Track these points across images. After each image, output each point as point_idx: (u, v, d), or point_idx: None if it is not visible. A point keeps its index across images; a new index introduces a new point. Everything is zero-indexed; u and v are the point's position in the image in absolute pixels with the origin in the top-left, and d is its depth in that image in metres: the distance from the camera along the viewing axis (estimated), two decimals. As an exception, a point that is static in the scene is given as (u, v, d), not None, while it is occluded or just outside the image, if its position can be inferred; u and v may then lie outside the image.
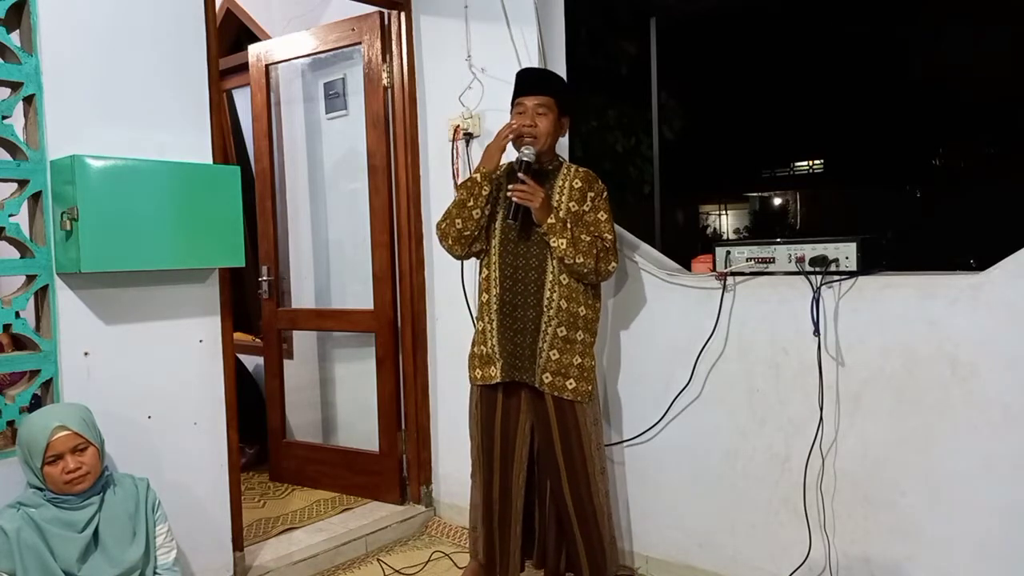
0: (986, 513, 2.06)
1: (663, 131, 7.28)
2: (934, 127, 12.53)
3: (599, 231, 2.34)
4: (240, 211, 2.37)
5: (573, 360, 2.33)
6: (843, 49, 11.56)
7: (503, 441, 2.41)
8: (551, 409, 2.34)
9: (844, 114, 13.31)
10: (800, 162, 19.47)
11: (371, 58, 3.19)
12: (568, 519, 2.38)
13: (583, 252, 2.26)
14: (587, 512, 2.37)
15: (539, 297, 2.32)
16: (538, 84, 2.37)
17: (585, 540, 2.37)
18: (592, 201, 2.37)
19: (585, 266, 2.27)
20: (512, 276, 2.35)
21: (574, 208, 2.35)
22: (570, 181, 2.38)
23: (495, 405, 2.42)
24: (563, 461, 2.35)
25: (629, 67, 7.02)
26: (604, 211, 2.38)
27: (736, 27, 9.61)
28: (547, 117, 2.34)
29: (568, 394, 2.32)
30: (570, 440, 2.34)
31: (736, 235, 19.37)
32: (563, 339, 2.32)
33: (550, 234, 2.27)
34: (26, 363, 2.06)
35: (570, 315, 2.32)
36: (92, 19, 2.16)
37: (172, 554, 2.07)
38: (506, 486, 2.42)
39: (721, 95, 11.43)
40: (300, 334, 3.80)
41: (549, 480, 2.41)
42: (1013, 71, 9.59)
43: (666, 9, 7.10)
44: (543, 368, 2.32)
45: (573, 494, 2.36)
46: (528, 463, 2.43)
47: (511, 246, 2.36)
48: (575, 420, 2.34)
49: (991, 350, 2.04)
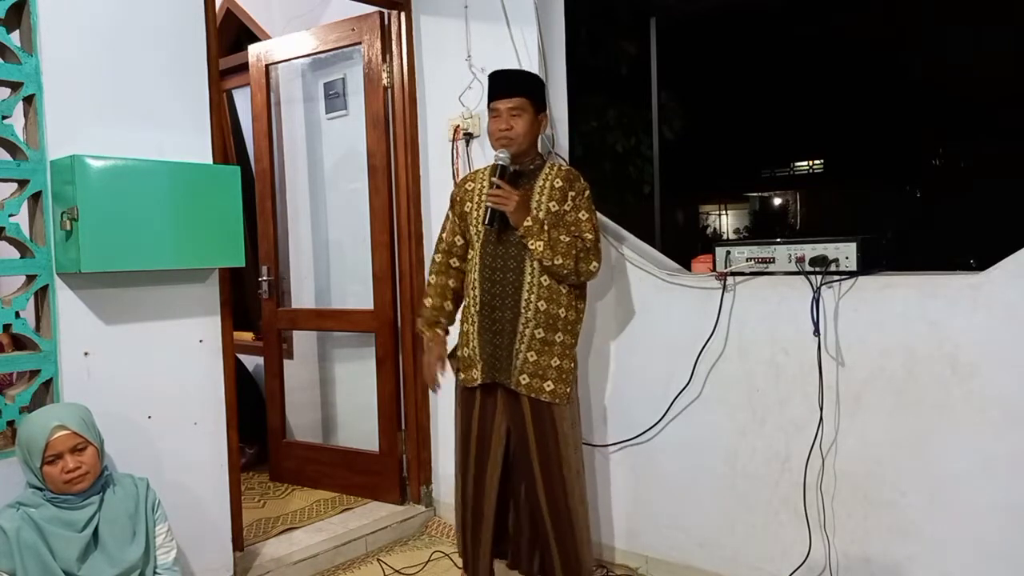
0: (986, 513, 2.06)
1: (663, 131, 7.28)
2: (934, 127, 12.52)
3: (579, 231, 2.31)
4: (240, 211, 2.37)
5: (551, 362, 2.31)
6: (843, 49, 11.55)
7: (479, 442, 2.40)
8: (527, 411, 2.32)
9: (844, 114, 13.29)
10: (800, 162, 19.46)
11: (371, 58, 3.19)
12: (542, 522, 2.35)
13: (561, 253, 2.24)
14: (562, 515, 2.33)
15: (517, 299, 2.31)
16: (510, 86, 2.35)
17: (559, 543, 2.34)
18: (573, 200, 2.33)
19: (564, 267, 2.25)
20: (491, 278, 2.35)
21: (554, 208, 2.32)
22: (551, 180, 2.35)
23: (472, 406, 2.41)
24: (539, 463, 2.32)
25: (629, 67, 7.01)
26: (586, 210, 2.34)
27: (736, 27, 9.60)
28: (522, 118, 2.33)
29: (546, 396, 2.29)
30: (547, 442, 2.31)
31: (736, 235, 19.36)
32: (541, 341, 2.30)
33: (527, 236, 2.25)
34: (26, 363, 2.06)
35: (549, 317, 2.30)
36: (92, 19, 2.16)
37: (172, 554, 2.06)
38: (479, 486, 2.41)
39: (721, 95, 11.42)
40: (300, 334, 3.80)
41: (524, 482, 2.39)
42: (1013, 71, 9.59)
43: (666, 9, 7.09)
44: (520, 370, 2.30)
45: (548, 497, 2.33)
46: (503, 465, 2.41)
47: (491, 248, 2.36)
48: (552, 422, 2.31)
49: (991, 350, 2.04)
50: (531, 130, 2.36)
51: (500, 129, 2.33)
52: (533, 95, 2.37)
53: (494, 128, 2.35)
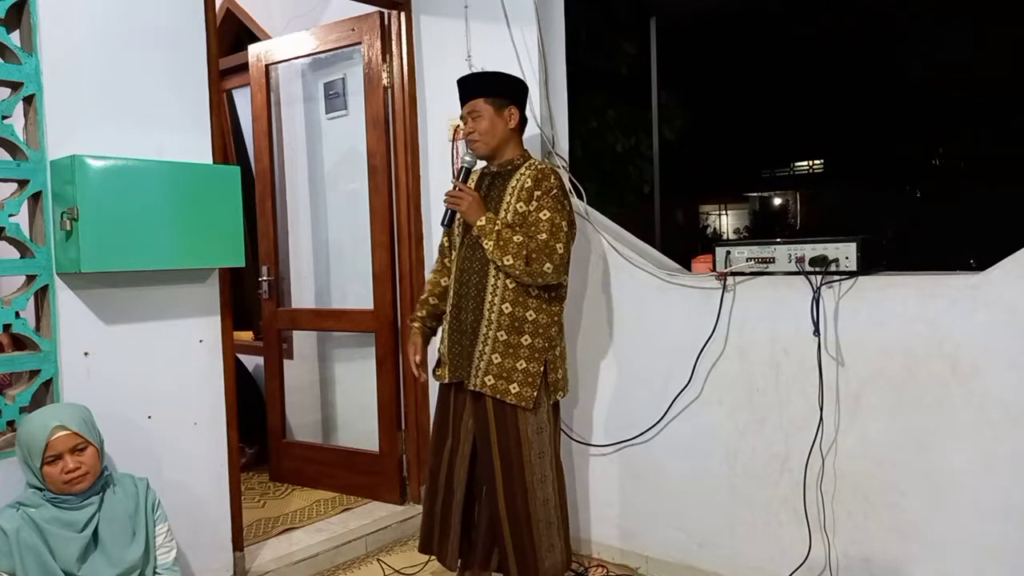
0: (986, 513, 2.06)
1: (663, 131, 7.29)
2: (934, 127, 12.52)
3: (537, 231, 2.23)
4: (240, 211, 2.37)
5: (517, 364, 2.26)
6: (843, 49, 11.55)
7: (452, 436, 2.42)
8: (491, 413, 2.30)
9: (844, 114, 13.29)
10: (800, 162, 19.46)
11: (371, 58, 3.19)
12: (500, 523, 2.31)
13: (512, 253, 2.19)
14: (520, 519, 2.28)
15: (480, 301, 2.30)
16: (465, 91, 2.38)
17: (516, 546, 2.30)
18: (537, 200, 2.26)
19: (515, 268, 2.20)
20: (459, 280, 2.36)
21: (522, 209, 2.27)
22: (522, 181, 2.30)
23: (448, 400, 2.44)
24: (499, 466, 2.29)
25: (629, 67, 7.02)
26: (548, 209, 2.24)
27: (736, 27, 9.60)
28: (482, 119, 2.33)
29: (511, 398, 2.25)
30: (508, 445, 2.28)
31: (736, 235, 19.36)
32: (504, 343, 2.27)
33: (480, 236, 2.24)
34: (26, 363, 2.06)
35: (514, 320, 2.26)
36: (92, 19, 2.16)
37: (172, 554, 2.06)
38: (449, 478, 2.42)
39: (721, 95, 11.42)
40: (300, 334, 3.80)
41: (485, 482, 2.36)
42: (1013, 71, 9.58)
43: (666, 9, 7.11)
44: (484, 371, 2.28)
45: (507, 499, 2.29)
46: (470, 460, 2.40)
47: (463, 251, 2.37)
48: (515, 426, 2.27)
49: (991, 350, 2.04)
50: (494, 128, 2.33)
51: (466, 133, 2.39)
52: (488, 93, 2.34)
53: (463, 133, 2.42)
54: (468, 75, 2.51)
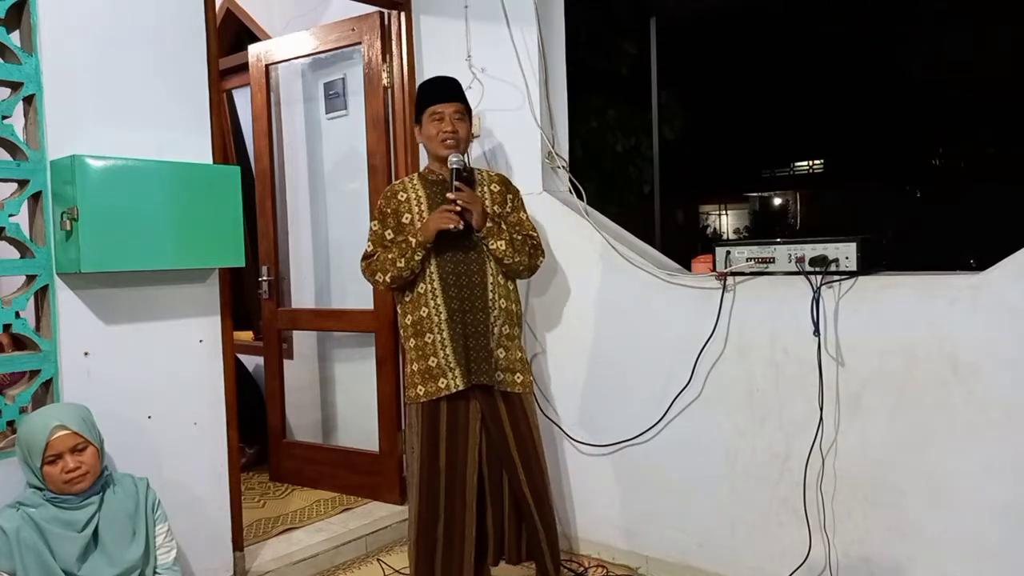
0: (986, 513, 2.06)
1: (663, 131, 7.30)
2: (934, 127, 12.53)
3: (525, 229, 2.45)
4: (240, 211, 2.37)
5: (516, 355, 2.42)
6: (843, 49, 11.56)
7: (450, 452, 2.36)
8: (503, 406, 2.40)
9: (844, 114, 13.30)
10: (800, 162, 19.49)
11: (371, 58, 3.19)
12: (528, 508, 2.40)
13: (519, 251, 2.38)
14: (543, 497, 2.42)
15: (484, 300, 2.36)
16: (453, 91, 2.44)
17: (544, 524, 2.42)
18: (511, 203, 2.48)
19: (521, 263, 2.39)
20: (456, 284, 2.36)
21: (497, 210, 2.43)
22: (488, 185, 2.46)
23: (438, 418, 2.36)
24: (517, 451, 2.39)
25: (629, 67, 7.03)
26: (523, 210, 2.51)
27: (736, 27, 9.61)
28: (464, 123, 2.42)
29: (518, 387, 2.40)
30: (521, 430, 2.40)
31: (736, 235, 19.37)
32: (506, 336, 2.40)
33: (488, 237, 2.34)
34: (26, 363, 2.06)
35: (509, 314, 2.41)
36: (92, 19, 2.16)
37: (172, 554, 2.07)
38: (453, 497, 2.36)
39: (721, 95, 11.43)
40: (300, 334, 3.80)
41: (506, 472, 2.41)
42: (1013, 71, 9.59)
43: (666, 9, 7.11)
44: (496, 367, 2.37)
45: (530, 481, 2.40)
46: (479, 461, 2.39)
47: (450, 255, 2.35)
48: (524, 412, 2.41)
49: (991, 350, 2.04)
50: (469, 136, 2.49)
51: (446, 131, 2.37)
52: (465, 101, 2.46)
53: (437, 130, 2.38)
54: (452, 77, 2.52)
